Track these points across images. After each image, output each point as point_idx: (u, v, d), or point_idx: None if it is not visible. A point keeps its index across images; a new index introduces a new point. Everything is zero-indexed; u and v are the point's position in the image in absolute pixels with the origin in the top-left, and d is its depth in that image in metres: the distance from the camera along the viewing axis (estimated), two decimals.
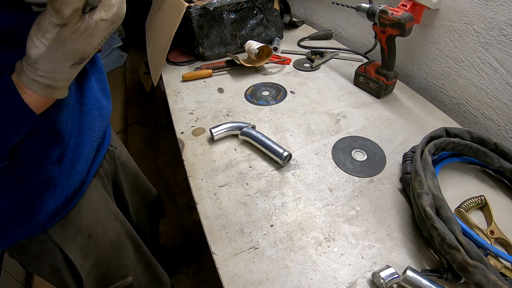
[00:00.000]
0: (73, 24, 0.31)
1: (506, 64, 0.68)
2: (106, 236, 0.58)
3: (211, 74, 0.97)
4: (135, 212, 0.84)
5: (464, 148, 0.60)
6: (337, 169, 0.65)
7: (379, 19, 0.75)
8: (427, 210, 0.48)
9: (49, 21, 0.30)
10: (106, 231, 0.58)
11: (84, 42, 0.33)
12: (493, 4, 0.67)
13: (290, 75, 0.98)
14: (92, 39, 0.34)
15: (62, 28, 0.31)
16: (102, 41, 0.35)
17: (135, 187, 0.81)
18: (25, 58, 0.33)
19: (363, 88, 0.89)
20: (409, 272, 0.44)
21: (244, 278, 0.48)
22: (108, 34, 0.35)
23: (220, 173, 0.65)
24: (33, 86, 0.34)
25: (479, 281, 0.40)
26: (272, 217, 0.56)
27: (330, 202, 0.59)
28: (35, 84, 0.34)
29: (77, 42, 0.32)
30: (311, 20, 1.36)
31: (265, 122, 0.78)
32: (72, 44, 0.32)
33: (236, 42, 1.07)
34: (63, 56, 0.33)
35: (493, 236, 0.51)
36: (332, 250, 0.51)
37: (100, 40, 0.34)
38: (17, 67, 0.34)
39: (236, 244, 0.52)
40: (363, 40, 1.10)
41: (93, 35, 0.33)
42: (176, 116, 0.81)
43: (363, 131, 0.75)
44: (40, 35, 0.31)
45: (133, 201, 0.81)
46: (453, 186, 0.61)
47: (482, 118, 0.77)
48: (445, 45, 0.81)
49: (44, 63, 0.33)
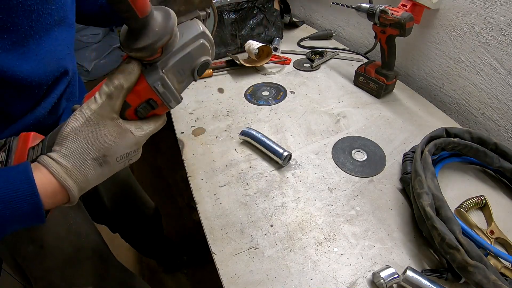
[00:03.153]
0: (116, 110, 0.32)
1: (506, 64, 0.68)
2: (61, 249, 0.58)
3: (211, 74, 0.97)
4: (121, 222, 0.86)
5: (464, 148, 0.60)
6: (337, 169, 0.65)
7: (379, 19, 0.75)
8: (427, 210, 0.48)
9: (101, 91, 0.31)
10: (62, 245, 0.58)
11: (115, 137, 0.32)
12: (493, 4, 0.67)
13: (290, 75, 0.98)
14: (123, 141, 0.32)
15: (107, 103, 0.31)
16: (127, 155, 0.34)
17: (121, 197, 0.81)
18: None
19: (363, 88, 0.89)
20: (409, 272, 0.44)
21: (244, 278, 0.48)
22: (132, 152, 0.34)
23: (220, 173, 0.65)
24: (50, 163, 0.30)
25: (479, 281, 0.40)
26: (272, 217, 0.56)
27: (330, 202, 0.59)
28: (53, 163, 0.30)
29: (109, 131, 0.31)
30: (311, 20, 1.36)
31: (265, 122, 0.78)
32: (104, 130, 0.31)
33: (236, 42, 1.07)
34: (92, 137, 0.31)
35: (493, 236, 0.51)
36: (332, 250, 0.51)
37: (127, 149, 0.33)
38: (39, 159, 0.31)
39: (236, 244, 0.52)
40: (363, 40, 1.10)
41: (125, 136, 0.33)
42: (176, 116, 0.81)
43: (363, 131, 0.75)
44: (86, 106, 0.31)
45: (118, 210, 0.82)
46: (453, 186, 0.61)
47: (482, 118, 0.77)
48: (445, 45, 0.81)
49: (73, 139, 0.30)
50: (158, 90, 0.32)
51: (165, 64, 0.32)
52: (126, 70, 0.31)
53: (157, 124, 0.36)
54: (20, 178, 0.28)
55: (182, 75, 0.34)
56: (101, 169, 0.32)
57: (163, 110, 0.36)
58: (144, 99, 0.33)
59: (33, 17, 0.38)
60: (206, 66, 0.36)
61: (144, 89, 0.32)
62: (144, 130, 0.34)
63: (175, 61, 0.33)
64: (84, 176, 0.31)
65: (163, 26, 0.30)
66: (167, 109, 0.36)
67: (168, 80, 0.33)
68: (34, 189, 0.28)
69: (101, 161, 0.32)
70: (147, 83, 0.32)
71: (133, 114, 0.34)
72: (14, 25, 0.35)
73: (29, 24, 0.37)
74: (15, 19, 0.35)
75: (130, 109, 0.33)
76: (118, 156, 0.33)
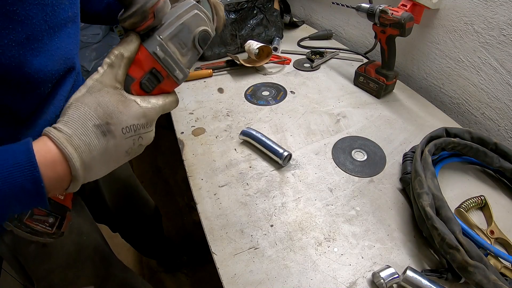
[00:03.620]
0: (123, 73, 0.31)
1: (506, 64, 0.68)
2: (63, 248, 0.58)
3: (211, 74, 0.97)
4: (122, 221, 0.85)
5: (464, 148, 0.60)
6: (337, 169, 0.65)
7: (379, 19, 0.75)
8: (427, 210, 0.48)
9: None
10: (63, 244, 0.58)
11: (119, 104, 0.31)
12: (493, 4, 0.67)
13: (290, 75, 0.98)
14: (127, 110, 0.31)
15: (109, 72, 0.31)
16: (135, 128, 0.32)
17: (123, 197, 0.81)
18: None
19: (363, 88, 0.89)
20: (409, 272, 0.44)
21: (244, 278, 0.48)
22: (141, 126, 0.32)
23: (220, 173, 0.65)
24: (51, 131, 0.29)
25: (479, 281, 0.40)
26: (272, 217, 0.56)
27: (330, 202, 0.59)
28: (54, 130, 0.29)
29: (111, 98, 0.31)
30: (311, 20, 1.36)
31: (265, 122, 0.78)
32: (106, 96, 0.31)
33: (236, 42, 1.07)
34: (93, 103, 0.30)
35: (493, 236, 0.51)
36: (332, 250, 0.51)
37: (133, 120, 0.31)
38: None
39: (236, 244, 0.52)
40: (363, 40, 1.10)
41: (130, 105, 0.31)
42: (176, 116, 0.81)
43: (363, 131, 0.75)
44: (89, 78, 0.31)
45: (120, 210, 0.81)
46: (453, 186, 0.61)
47: (482, 118, 0.77)
48: (445, 45, 0.81)
49: (75, 107, 0.30)
50: (158, 56, 0.33)
51: (162, 33, 0.33)
52: (125, 41, 0.32)
53: (167, 100, 0.35)
54: (19, 150, 0.27)
55: (183, 47, 0.35)
56: (105, 139, 0.30)
57: (170, 85, 0.35)
58: (147, 69, 0.33)
59: (48, 10, 0.37)
60: (206, 37, 0.36)
61: (145, 57, 0.33)
62: (151, 103, 0.33)
63: (172, 30, 0.34)
64: (86, 144, 0.29)
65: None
66: (174, 84, 0.35)
67: (167, 47, 0.33)
68: (32, 160, 0.26)
69: (104, 129, 0.30)
70: (147, 50, 0.33)
71: (138, 88, 0.33)
72: (27, 18, 0.35)
73: (44, 18, 0.37)
74: (29, 11, 0.35)
75: (134, 83, 0.33)
76: (124, 127, 0.31)
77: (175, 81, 0.35)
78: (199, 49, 0.36)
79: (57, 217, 0.34)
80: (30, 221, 0.33)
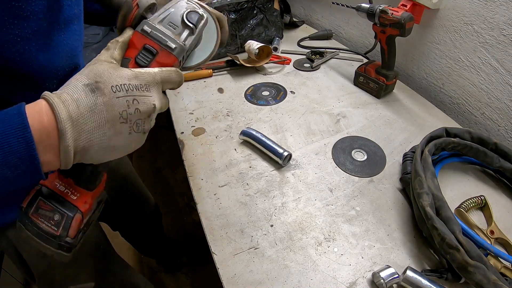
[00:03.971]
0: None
1: (506, 64, 0.68)
2: None
3: (211, 74, 0.97)
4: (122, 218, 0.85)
5: (464, 148, 0.60)
6: (337, 169, 0.65)
7: (379, 19, 0.75)
8: (427, 210, 0.48)
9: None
10: None
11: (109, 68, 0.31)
12: (493, 4, 0.67)
13: (290, 75, 0.98)
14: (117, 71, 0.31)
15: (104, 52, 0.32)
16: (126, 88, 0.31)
17: (122, 193, 0.81)
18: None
19: (363, 88, 0.89)
20: (409, 272, 0.44)
21: (244, 278, 0.48)
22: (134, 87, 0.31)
23: (220, 173, 0.65)
24: (45, 93, 0.28)
25: (479, 281, 0.40)
26: (272, 217, 0.56)
27: (330, 202, 0.59)
28: (47, 92, 0.29)
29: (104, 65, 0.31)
30: (311, 20, 1.36)
31: (265, 122, 0.78)
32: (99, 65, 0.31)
33: (236, 42, 1.07)
34: (86, 70, 0.30)
35: (493, 236, 0.51)
36: (332, 250, 0.51)
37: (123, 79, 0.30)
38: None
39: (236, 244, 0.52)
40: (363, 40, 1.10)
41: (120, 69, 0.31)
42: (176, 116, 0.81)
43: (363, 131, 0.75)
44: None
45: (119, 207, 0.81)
46: (453, 186, 0.61)
47: (482, 118, 0.77)
48: (445, 45, 0.81)
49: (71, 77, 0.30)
50: (145, 30, 0.34)
51: (149, 18, 0.36)
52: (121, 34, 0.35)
53: (164, 68, 0.34)
54: (12, 113, 0.27)
55: (175, 28, 0.36)
56: (93, 96, 0.28)
57: (167, 57, 0.35)
58: (140, 47, 0.34)
59: (54, 7, 0.38)
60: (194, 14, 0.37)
61: (136, 37, 0.34)
62: (145, 69, 0.33)
63: (159, 15, 0.36)
64: (73, 100, 0.28)
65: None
66: (170, 55, 0.35)
67: (154, 25, 0.35)
68: (24, 122, 0.26)
69: (93, 87, 0.29)
70: (137, 31, 0.35)
71: (134, 65, 0.34)
72: (33, 14, 0.35)
73: (50, 14, 0.37)
74: (35, 7, 0.35)
75: (131, 61, 0.34)
76: (114, 85, 0.29)
77: (169, 52, 0.35)
78: (191, 27, 0.36)
79: (63, 215, 0.32)
80: (36, 216, 0.32)
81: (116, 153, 0.32)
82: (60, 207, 0.33)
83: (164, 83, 0.34)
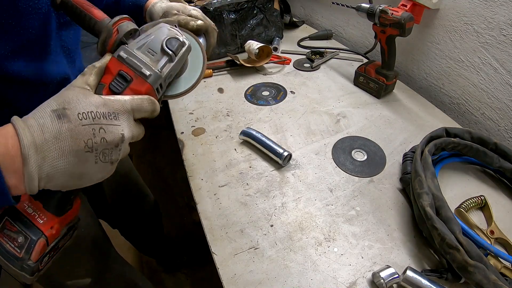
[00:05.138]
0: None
1: (506, 64, 0.68)
2: None
3: (211, 74, 0.97)
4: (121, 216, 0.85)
5: (464, 148, 0.60)
6: (337, 169, 0.65)
7: (379, 19, 0.75)
8: (427, 210, 0.48)
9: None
10: None
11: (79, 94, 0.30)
12: (493, 4, 0.67)
13: (290, 75, 0.98)
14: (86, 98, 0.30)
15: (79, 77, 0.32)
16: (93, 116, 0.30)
17: (122, 191, 0.81)
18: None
19: (363, 88, 0.89)
20: (409, 272, 0.44)
21: (244, 278, 0.48)
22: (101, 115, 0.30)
23: (220, 173, 0.65)
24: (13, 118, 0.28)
25: (479, 281, 0.40)
26: (272, 217, 0.56)
27: (330, 202, 0.59)
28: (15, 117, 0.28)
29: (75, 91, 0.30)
30: (311, 20, 1.36)
31: (265, 122, 0.78)
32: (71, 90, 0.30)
33: (236, 42, 1.07)
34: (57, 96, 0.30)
35: (493, 236, 0.51)
36: (332, 250, 0.51)
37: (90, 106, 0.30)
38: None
39: (236, 244, 0.52)
40: (363, 40, 1.10)
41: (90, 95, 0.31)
42: (176, 116, 0.81)
43: (363, 131, 0.75)
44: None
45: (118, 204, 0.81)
46: (453, 186, 0.61)
47: (482, 118, 0.77)
48: (445, 45, 0.81)
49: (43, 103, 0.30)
50: (121, 56, 0.33)
51: (128, 44, 0.36)
52: (100, 59, 0.34)
53: (136, 97, 0.33)
54: None
55: (153, 54, 0.35)
56: (59, 122, 0.28)
57: (140, 85, 0.34)
58: (115, 73, 0.33)
59: (44, 19, 0.37)
60: (174, 41, 0.36)
61: (112, 63, 0.34)
62: (115, 97, 0.32)
63: (139, 41, 0.35)
64: (39, 125, 0.28)
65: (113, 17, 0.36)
66: (144, 83, 0.34)
67: (132, 51, 0.34)
68: None
69: (60, 113, 0.28)
70: (113, 57, 0.34)
71: (108, 91, 0.33)
72: (24, 29, 0.35)
73: (41, 25, 0.37)
74: (25, 22, 0.35)
75: (105, 88, 0.33)
76: (80, 113, 0.29)
77: (143, 79, 0.34)
78: (170, 54, 0.36)
79: (27, 238, 0.31)
80: (1, 235, 0.31)
81: (83, 181, 0.31)
82: (25, 230, 0.31)
83: (135, 111, 0.32)
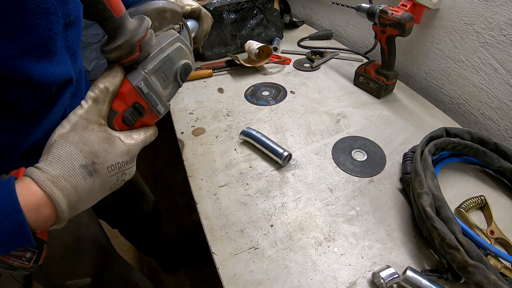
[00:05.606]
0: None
1: (506, 64, 0.68)
2: (60, 238, 0.58)
3: (211, 74, 0.97)
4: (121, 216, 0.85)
5: (464, 148, 0.60)
6: (337, 169, 0.65)
7: (379, 19, 0.75)
8: (427, 210, 0.48)
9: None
10: (61, 234, 0.57)
11: (104, 143, 0.31)
12: (493, 4, 0.67)
13: (290, 75, 0.98)
14: (112, 148, 0.31)
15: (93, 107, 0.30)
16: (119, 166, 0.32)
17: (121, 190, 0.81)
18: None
19: (363, 88, 0.89)
20: (409, 272, 0.44)
21: (244, 278, 0.48)
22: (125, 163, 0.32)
23: (220, 173, 0.65)
24: (34, 172, 0.28)
25: (479, 281, 0.40)
26: (272, 217, 0.56)
27: (330, 202, 0.59)
28: (37, 171, 0.28)
29: (97, 136, 0.30)
30: (311, 20, 1.36)
31: (265, 122, 0.78)
32: (92, 134, 0.30)
33: (236, 42, 1.07)
34: (80, 142, 0.29)
35: (493, 236, 0.51)
36: (332, 250, 0.51)
37: (118, 158, 0.31)
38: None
39: (236, 244, 0.52)
40: (363, 40, 1.10)
41: (115, 143, 0.31)
42: (176, 116, 0.81)
43: (363, 131, 0.75)
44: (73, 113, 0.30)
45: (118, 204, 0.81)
46: (453, 186, 0.61)
47: (482, 118, 0.77)
48: (445, 45, 0.81)
49: (60, 145, 0.29)
50: (142, 90, 0.32)
51: (146, 66, 0.33)
52: (110, 74, 0.31)
53: (148, 133, 0.35)
54: (2, 196, 0.26)
55: (165, 80, 0.35)
56: (91, 179, 0.29)
57: (151, 118, 0.35)
58: (130, 103, 0.32)
59: (52, 18, 0.37)
60: (188, 70, 0.37)
61: (129, 91, 0.32)
62: (134, 138, 0.33)
63: (156, 63, 0.33)
64: (72, 186, 0.28)
65: (138, 24, 0.31)
66: (155, 117, 0.35)
67: (151, 81, 0.33)
68: (16, 206, 0.25)
69: (91, 169, 0.29)
70: (131, 84, 0.32)
71: (120, 122, 0.33)
72: (32, 28, 0.35)
73: (48, 25, 0.37)
74: (33, 22, 0.35)
75: (117, 117, 0.32)
76: (109, 165, 0.31)
77: (156, 115, 0.35)
78: (180, 82, 0.36)
79: (34, 252, 0.32)
80: (6, 257, 0.31)
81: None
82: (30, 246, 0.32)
83: (144, 146, 0.35)
